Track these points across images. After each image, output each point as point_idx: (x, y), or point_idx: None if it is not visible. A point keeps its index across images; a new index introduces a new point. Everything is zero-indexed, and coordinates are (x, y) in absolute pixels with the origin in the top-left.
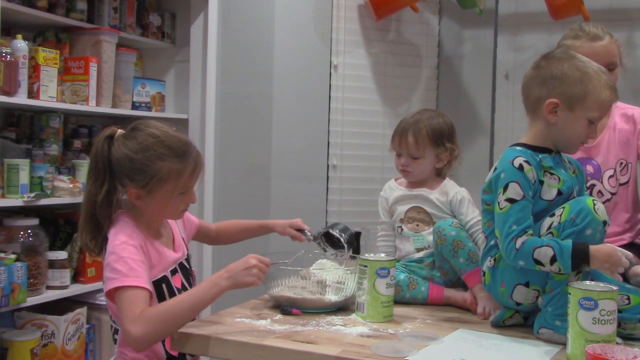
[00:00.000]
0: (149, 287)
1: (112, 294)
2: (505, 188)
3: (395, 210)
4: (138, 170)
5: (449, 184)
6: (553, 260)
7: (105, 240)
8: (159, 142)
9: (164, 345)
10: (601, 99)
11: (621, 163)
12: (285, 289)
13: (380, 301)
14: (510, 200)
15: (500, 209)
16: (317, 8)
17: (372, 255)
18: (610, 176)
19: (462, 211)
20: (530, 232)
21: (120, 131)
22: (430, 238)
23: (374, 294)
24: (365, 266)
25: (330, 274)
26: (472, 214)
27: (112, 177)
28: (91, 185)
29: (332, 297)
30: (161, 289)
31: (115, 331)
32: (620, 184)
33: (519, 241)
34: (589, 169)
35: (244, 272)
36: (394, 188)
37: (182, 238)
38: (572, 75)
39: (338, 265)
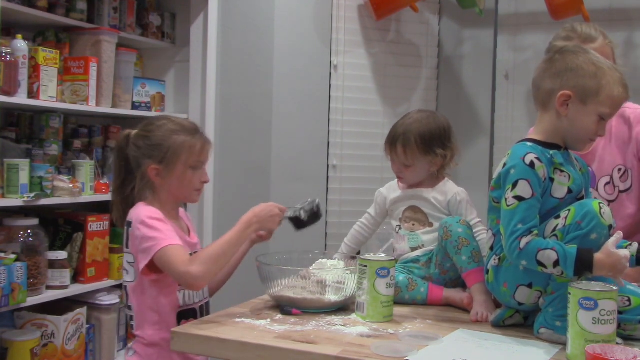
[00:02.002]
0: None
1: (151, 263)
2: (515, 185)
3: (394, 211)
4: (155, 146)
5: (448, 184)
6: (556, 264)
7: (126, 236)
8: (171, 121)
9: None
10: (614, 95)
11: (619, 169)
12: (285, 289)
13: (380, 301)
14: (519, 198)
15: (508, 205)
16: (317, 8)
17: (372, 255)
18: (607, 183)
19: (461, 212)
20: (536, 232)
21: (135, 130)
22: (425, 238)
23: (374, 294)
24: (365, 266)
25: (330, 274)
26: (471, 216)
27: (128, 169)
28: (113, 179)
29: (332, 297)
30: None
31: (131, 317)
32: (621, 191)
33: (524, 241)
34: None
35: (270, 218)
36: (395, 189)
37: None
38: (587, 69)
39: (338, 265)
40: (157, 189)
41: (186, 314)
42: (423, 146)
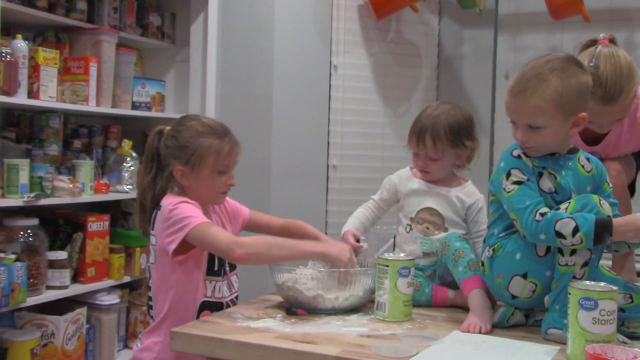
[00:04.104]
0: None
1: (183, 243)
2: (508, 174)
3: (407, 204)
4: (182, 147)
5: (472, 187)
6: (575, 231)
7: (153, 219)
8: (200, 123)
9: None
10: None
11: (626, 155)
12: (300, 285)
13: (401, 300)
14: (517, 183)
15: (508, 191)
16: (317, 8)
17: (391, 255)
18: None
19: (478, 219)
20: (544, 205)
21: (168, 127)
22: (439, 244)
23: (395, 294)
24: (387, 266)
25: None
26: (485, 225)
27: (159, 165)
28: (142, 175)
29: (342, 299)
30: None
31: (149, 298)
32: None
33: (539, 213)
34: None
35: (340, 251)
36: (409, 179)
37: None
38: None
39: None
40: (183, 189)
41: (211, 306)
42: (452, 137)
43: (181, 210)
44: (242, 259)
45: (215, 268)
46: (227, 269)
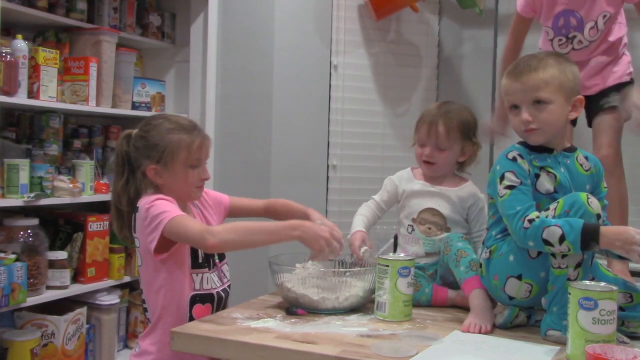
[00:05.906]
0: None
1: (159, 243)
2: (502, 178)
3: (408, 205)
4: (152, 146)
5: (473, 187)
6: (562, 239)
7: (133, 222)
8: (167, 120)
9: None
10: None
11: (604, 16)
12: (300, 286)
13: (402, 300)
14: (509, 187)
15: (501, 196)
16: (317, 8)
17: (391, 255)
18: (591, 27)
19: (479, 219)
20: (534, 209)
21: (135, 130)
22: (441, 244)
23: (395, 294)
24: (387, 266)
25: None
26: (486, 224)
27: (130, 169)
28: (114, 180)
29: (342, 299)
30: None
31: (143, 301)
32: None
33: (527, 219)
34: (572, 21)
35: (315, 237)
36: (411, 180)
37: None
38: None
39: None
40: (158, 188)
41: (202, 299)
42: (464, 129)
43: (156, 207)
44: (215, 247)
45: (200, 260)
46: (217, 260)
